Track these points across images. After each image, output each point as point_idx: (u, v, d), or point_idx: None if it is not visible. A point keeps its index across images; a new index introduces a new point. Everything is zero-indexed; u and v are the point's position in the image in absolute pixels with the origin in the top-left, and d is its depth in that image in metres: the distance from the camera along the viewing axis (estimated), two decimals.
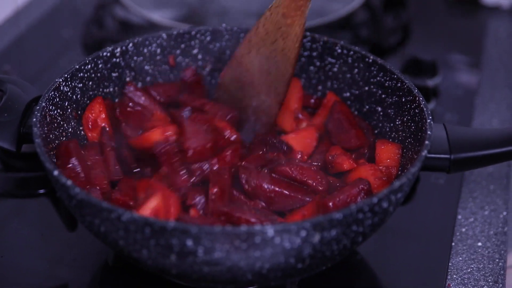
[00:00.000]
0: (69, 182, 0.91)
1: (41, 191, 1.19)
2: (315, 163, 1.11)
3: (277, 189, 1.03)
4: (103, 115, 1.15)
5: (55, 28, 1.61)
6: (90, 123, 1.15)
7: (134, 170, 1.09)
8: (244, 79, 1.08)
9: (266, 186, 1.03)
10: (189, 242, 0.86)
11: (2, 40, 1.53)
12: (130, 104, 1.18)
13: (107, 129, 1.14)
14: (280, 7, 1.10)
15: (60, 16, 1.65)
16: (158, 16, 1.44)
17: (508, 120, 1.35)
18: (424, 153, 1.00)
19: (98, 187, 1.03)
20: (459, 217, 1.17)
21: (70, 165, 1.02)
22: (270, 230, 0.85)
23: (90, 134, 1.14)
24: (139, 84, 1.22)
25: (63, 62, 1.50)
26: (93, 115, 1.15)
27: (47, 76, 1.45)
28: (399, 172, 1.09)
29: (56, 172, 0.93)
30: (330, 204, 1.00)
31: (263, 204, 1.03)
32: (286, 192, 1.04)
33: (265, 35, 1.09)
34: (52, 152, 1.04)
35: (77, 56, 1.51)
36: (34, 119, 1.01)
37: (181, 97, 1.20)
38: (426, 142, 1.01)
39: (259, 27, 1.09)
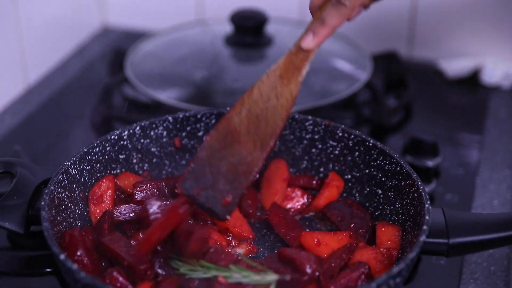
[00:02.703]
0: (74, 267, 0.93)
1: (48, 270, 1.21)
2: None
3: None
4: (110, 192, 1.18)
5: (64, 105, 1.65)
6: (95, 197, 1.17)
7: None
8: (230, 138, 1.09)
9: None
10: None
11: (14, 120, 1.57)
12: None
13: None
14: (277, 69, 1.11)
15: (70, 93, 1.69)
16: (165, 96, 1.47)
17: (509, 200, 1.37)
18: (422, 238, 1.02)
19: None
20: None
21: (76, 257, 1.04)
22: None
23: (93, 209, 1.16)
24: (146, 166, 1.25)
25: (71, 140, 1.54)
26: (100, 190, 1.18)
27: (56, 153, 1.48)
28: (400, 254, 1.11)
29: (62, 256, 0.95)
30: None
31: None
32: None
33: (259, 97, 1.10)
34: (59, 234, 1.07)
35: (86, 133, 1.54)
36: (43, 203, 1.04)
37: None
38: (424, 227, 1.03)
39: (254, 90, 1.10)
